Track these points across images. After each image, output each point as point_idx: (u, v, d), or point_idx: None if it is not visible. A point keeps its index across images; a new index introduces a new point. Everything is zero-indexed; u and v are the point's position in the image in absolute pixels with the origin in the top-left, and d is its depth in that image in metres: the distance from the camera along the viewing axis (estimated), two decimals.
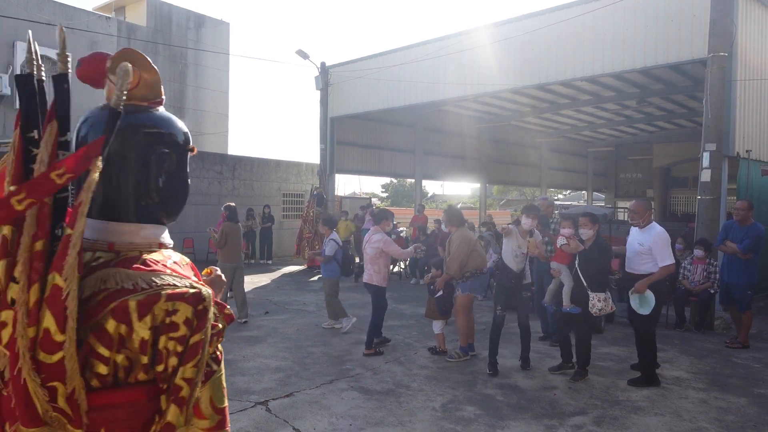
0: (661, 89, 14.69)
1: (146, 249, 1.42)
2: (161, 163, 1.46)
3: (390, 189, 52.21)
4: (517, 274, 5.81)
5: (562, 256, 6.02)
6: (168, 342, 1.30)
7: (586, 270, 5.59)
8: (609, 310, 5.62)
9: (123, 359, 1.28)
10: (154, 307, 1.28)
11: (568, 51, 10.76)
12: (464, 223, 6.64)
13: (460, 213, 6.76)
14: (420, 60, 13.23)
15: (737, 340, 7.23)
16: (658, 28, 9.51)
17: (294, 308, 9.35)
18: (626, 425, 4.48)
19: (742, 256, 7.06)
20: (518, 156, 23.74)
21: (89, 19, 19.05)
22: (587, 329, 5.77)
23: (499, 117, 19.27)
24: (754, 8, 9.65)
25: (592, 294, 5.51)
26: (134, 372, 1.30)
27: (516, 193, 47.76)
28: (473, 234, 6.52)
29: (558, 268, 6.10)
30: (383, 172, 20.24)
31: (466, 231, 6.48)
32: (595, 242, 5.66)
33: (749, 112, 9.54)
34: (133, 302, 1.27)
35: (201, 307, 1.33)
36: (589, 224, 5.66)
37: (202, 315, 1.33)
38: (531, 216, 5.91)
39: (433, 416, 4.60)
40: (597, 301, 5.50)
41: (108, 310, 1.27)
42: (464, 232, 6.39)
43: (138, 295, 1.28)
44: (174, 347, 1.30)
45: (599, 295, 5.51)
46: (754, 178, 9.47)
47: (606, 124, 20.51)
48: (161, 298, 1.29)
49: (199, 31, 22.56)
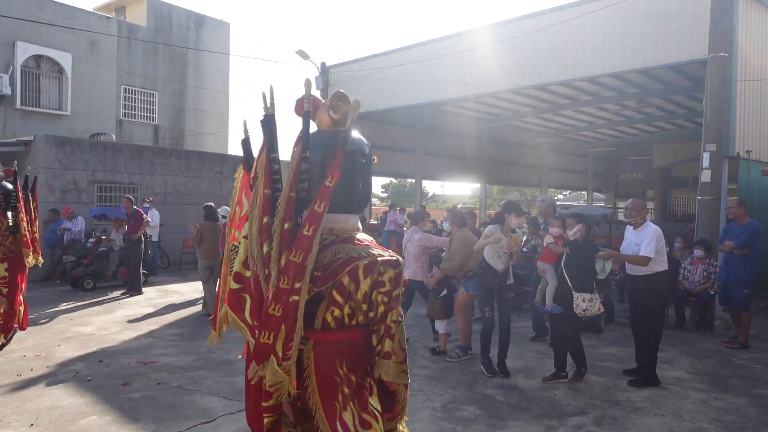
0: (661, 89, 14.68)
1: (353, 232, 2.21)
2: (360, 170, 2.23)
3: (390, 189, 52.23)
4: (500, 274, 5.80)
5: (549, 255, 5.94)
6: (378, 295, 2.06)
7: (571, 270, 5.55)
8: (595, 311, 5.52)
9: (347, 308, 2.06)
10: (373, 269, 2.04)
11: (568, 51, 10.75)
12: (466, 224, 6.73)
13: (462, 214, 6.86)
14: (420, 60, 13.23)
15: (737, 340, 7.24)
16: (658, 28, 9.50)
17: None
18: (626, 425, 4.48)
19: (738, 252, 7.08)
20: (518, 156, 23.73)
21: (89, 19, 19.04)
22: (572, 330, 5.68)
23: (499, 117, 19.26)
24: (754, 8, 9.65)
25: (576, 294, 5.47)
26: (355, 317, 2.09)
27: (516, 194, 47.72)
28: (473, 235, 6.53)
29: (543, 268, 6.04)
30: (383, 172, 20.22)
31: (467, 232, 6.54)
32: (583, 242, 5.60)
33: (749, 113, 9.54)
34: (361, 265, 2.04)
35: (399, 270, 2.10)
36: (575, 224, 5.65)
37: (399, 276, 2.09)
38: (520, 215, 5.95)
39: (433, 416, 4.60)
40: (581, 301, 5.44)
41: (345, 271, 2.02)
42: (465, 232, 6.46)
43: (364, 260, 2.04)
44: (382, 299, 2.06)
45: (584, 295, 5.45)
46: (754, 179, 9.47)
47: (606, 124, 20.50)
48: (378, 263, 2.06)
49: (199, 31, 22.55)
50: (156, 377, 5.48)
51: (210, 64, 22.74)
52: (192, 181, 15.93)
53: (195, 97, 22.47)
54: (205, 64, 22.67)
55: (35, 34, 17.28)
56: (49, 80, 18.09)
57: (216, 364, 5.99)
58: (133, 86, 20.45)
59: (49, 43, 17.88)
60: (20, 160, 13.57)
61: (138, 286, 10.46)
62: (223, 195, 15.90)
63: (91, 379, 5.37)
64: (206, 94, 22.85)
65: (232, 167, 16.64)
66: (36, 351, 6.37)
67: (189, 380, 5.40)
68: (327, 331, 2.08)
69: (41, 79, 17.86)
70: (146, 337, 7.17)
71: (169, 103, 21.60)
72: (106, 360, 6.05)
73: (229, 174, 16.62)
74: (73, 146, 13.47)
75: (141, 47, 20.52)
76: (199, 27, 22.57)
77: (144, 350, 6.50)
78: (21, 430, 4.20)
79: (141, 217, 10.55)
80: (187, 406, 4.73)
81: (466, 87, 12.53)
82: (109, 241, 11.32)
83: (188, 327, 7.81)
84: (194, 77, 22.42)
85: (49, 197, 12.87)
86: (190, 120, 22.34)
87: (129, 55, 20.26)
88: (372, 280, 2.03)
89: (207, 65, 22.72)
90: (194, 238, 8.79)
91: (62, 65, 18.15)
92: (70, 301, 9.51)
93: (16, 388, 5.12)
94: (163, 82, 21.35)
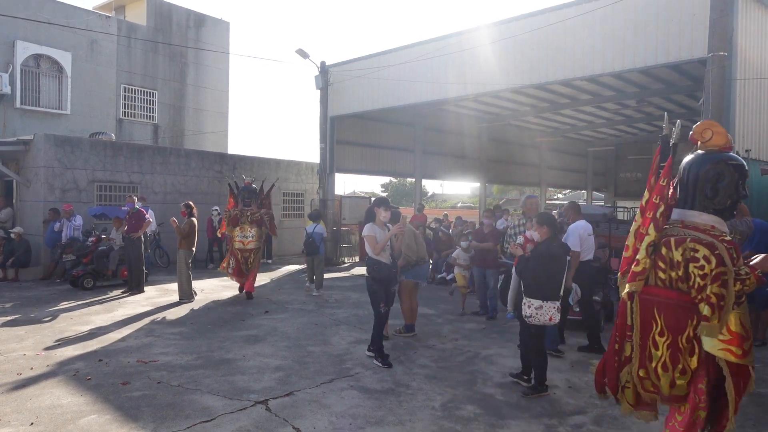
0: (661, 89, 14.69)
1: (702, 226, 2.99)
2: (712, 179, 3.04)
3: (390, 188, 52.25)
4: (390, 266, 6.26)
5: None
6: (693, 268, 2.84)
7: (522, 273, 5.23)
8: (546, 321, 5.05)
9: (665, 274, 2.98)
10: (682, 244, 2.90)
11: (568, 51, 10.75)
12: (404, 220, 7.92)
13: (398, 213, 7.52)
14: (420, 59, 13.23)
15: (756, 337, 7.37)
16: (658, 28, 9.50)
17: (294, 307, 9.35)
18: (626, 425, 4.48)
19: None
20: (518, 155, 23.74)
21: (89, 18, 19.03)
22: (531, 337, 5.28)
23: (499, 116, 19.26)
24: (754, 8, 9.65)
25: (525, 299, 5.13)
26: (675, 282, 2.96)
27: (516, 193, 47.71)
28: (413, 229, 7.78)
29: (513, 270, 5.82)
30: (383, 171, 20.22)
31: (410, 227, 7.82)
32: (542, 245, 5.23)
33: (749, 112, 9.54)
34: (672, 240, 2.96)
35: (717, 252, 2.80)
36: (537, 226, 5.34)
37: (716, 257, 2.78)
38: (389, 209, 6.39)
39: (433, 415, 4.61)
40: (527, 307, 5.09)
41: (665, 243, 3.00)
42: (409, 227, 7.76)
43: (672, 237, 2.97)
44: (696, 272, 2.82)
45: (532, 301, 5.06)
46: (753, 178, 9.48)
47: (606, 123, 20.50)
48: (686, 240, 2.90)
49: (199, 30, 22.54)
50: (156, 376, 5.48)
51: (210, 63, 22.74)
52: (192, 180, 15.93)
53: (195, 96, 22.47)
54: (205, 63, 22.67)
55: (35, 33, 17.28)
56: (49, 79, 18.08)
57: (216, 363, 5.99)
58: (133, 85, 20.44)
59: (48, 42, 17.87)
60: (20, 160, 13.59)
61: (140, 283, 10.48)
62: (223, 194, 15.90)
63: (91, 378, 5.37)
64: (206, 93, 22.85)
65: (231, 166, 16.65)
66: (36, 350, 6.38)
67: (189, 379, 5.40)
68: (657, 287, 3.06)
69: (41, 78, 17.86)
70: (146, 336, 7.17)
71: (168, 102, 21.60)
72: (106, 359, 6.05)
73: (228, 173, 16.63)
74: (73, 145, 13.47)
75: (141, 46, 20.51)
76: (199, 26, 22.57)
77: (144, 349, 6.50)
78: (21, 428, 4.20)
79: (143, 216, 10.58)
80: (187, 405, 4.73)
81: (466, 86, 12.54)
82: (109, 240, 11.33)
83: (188, 326, 7.81)
84: (194, 76, 22.42)
85: (49, 196, 12.87)
86: (190, 119, 22.33)
87: (129, 54, 20.25)
88: (683, 253, 2.90)
89: (207, 64, 22.72)
90: (184, 231, 9.71)
91: (62, 64, 18.15)
92: (70, 300, 9.52)
93: (16, 386, 5.13)
94: (162, 81, 21.34)
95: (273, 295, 10.57)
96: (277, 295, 10.60)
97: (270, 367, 5.88)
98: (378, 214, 6.29)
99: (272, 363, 6.02)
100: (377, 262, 6.15)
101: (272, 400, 4.89)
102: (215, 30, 23.12)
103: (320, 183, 16.75)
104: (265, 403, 4.81)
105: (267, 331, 7.51)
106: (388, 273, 6.20)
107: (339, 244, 16.94)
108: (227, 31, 23.67)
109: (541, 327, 5.18)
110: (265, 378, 5.49)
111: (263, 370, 5.76)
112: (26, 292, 10.41)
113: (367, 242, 6.20)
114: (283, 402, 4.84)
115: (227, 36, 23.67)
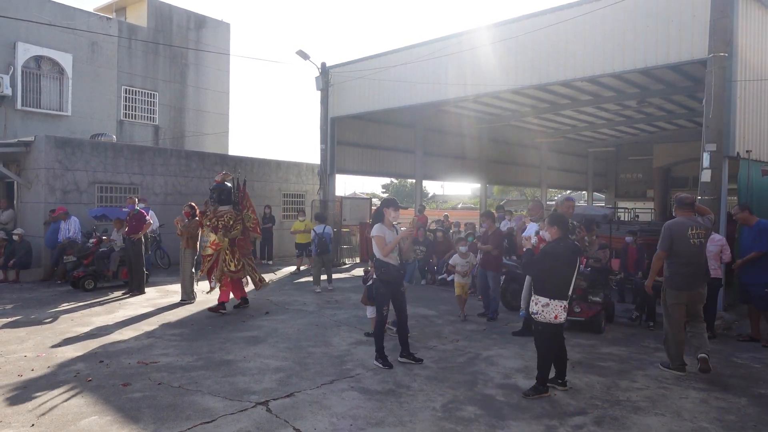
0: (661, 89, 14.68)
1: None
2: None
3: (390, 189, 52.25)
4: (397, 267, 6.11)
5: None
6: None
7: (525, 267, 5.54)
8: (551, 318, 5.13)
9: None
10: None
11: (568, 51, 10.75)
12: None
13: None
14: (420, 60, 13.23)
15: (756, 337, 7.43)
16: (658, 28, 9.50)
17: (294, 308, 9.36)
18: (626, 425, 4.48)
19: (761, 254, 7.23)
20: (518, 156, 23.74)
21: (90, 19, 19.06)
22: (537, 335, 5.31)
23: (499, 117, 19.26)
24: (754, 8, 9.65)
25: (533, 296, 5.29)
26: None
27: (516, 193, 47.72)
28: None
29: None
30: (384, 172, 20.22)
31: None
32: (549, 245, 5.38)
33: (749, 112, 9.54)
34: None
35: None
36: (548, 226, 5.50)
37: None
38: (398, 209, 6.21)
39: (434, 416, 4.61)
40: (534, 303, 5.24)
41: None
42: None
43: None
44: None
45: (539, 298, 5.18)
46: (754, 179, 9.47)
47: (606, 124, 20.50)
48: None
49: (199, 31, 22.57)
50: (156, 377, 5.48)
51: (210, 64, 22.76)
52: (192, 181, 15.94)
53: (195, 97, 22.49)
54: (206, 65, 22.69)
55: (36, 35, 17.30)
56: (50, 81, 18.10)
57: (216, 364, 5.99)
58: (134, 87, 20.46)
59: (49, 43, 17.89)
60: (21, 161, 13.61)
61: (141, 285, 10.49)
62: None
63: (91, 379, 5.38)
64: (206, 94, 22.87)
65: (232, 167, 16.65)
66: (37, 351, 6.38)
67: (189, 380, 5.41)
68: None
69: (42, 80, 17.88)
70: (147, 337, 7.17)
71: (169, 103, 21.62)
72: (107, 360, 6.06)
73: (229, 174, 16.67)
74: (74, 147, 13.48)
75: (141, 48, 20.53)
76: (200, 27, 22.59)
77: (144, 350, 6.50)
78: (22, 430, 4.20)
79: (143, 217, 10.59)
80: (188, 406, 4.73)
81: (466, 87, 12.54)
82: (109, 241, 11.34)
83: (189, 327, 7.82)
84: (194, 77, 22.44)
85: (49, 198, 12.89)
86: (191, 120, 22.35)
87: (129, 56, 20.28)
88: None
89: (207, 65, 22.74)
90: (188, 232, 9.83)
91: (63, 66, 18.17)
92: (71, 302, 9.52)
93: (17, 388, 5.13)
94: (163, 82, 21.36)
95: (273, 296, 10.58)
96: (278, 296, 10.61)
97: (270, 368, 5.88)
98: (387, 215, 6.13)
99: (273, 364, 6.02)
100: (385, 264, 6.00)
101: (273, 401, 4.89)
102: (216, 31, 23.16)
103: (321, 184, 16.75)
104: (265, 404, 4.81)
105: (267, 332, 7.51)
106: (396, 275, 6.05)
107: (339, 245, 16.94)
108: (228, 33, 23.70)
109: (547, 325, 5.18)
110: (266, 379, 5.49)
111: (264, 371, 5.76)
112: (27, 293, 10.42)
113: (376, 243, 6.04)
114: (283, 403, 4.84)
115: (228, 37, 23.70)
